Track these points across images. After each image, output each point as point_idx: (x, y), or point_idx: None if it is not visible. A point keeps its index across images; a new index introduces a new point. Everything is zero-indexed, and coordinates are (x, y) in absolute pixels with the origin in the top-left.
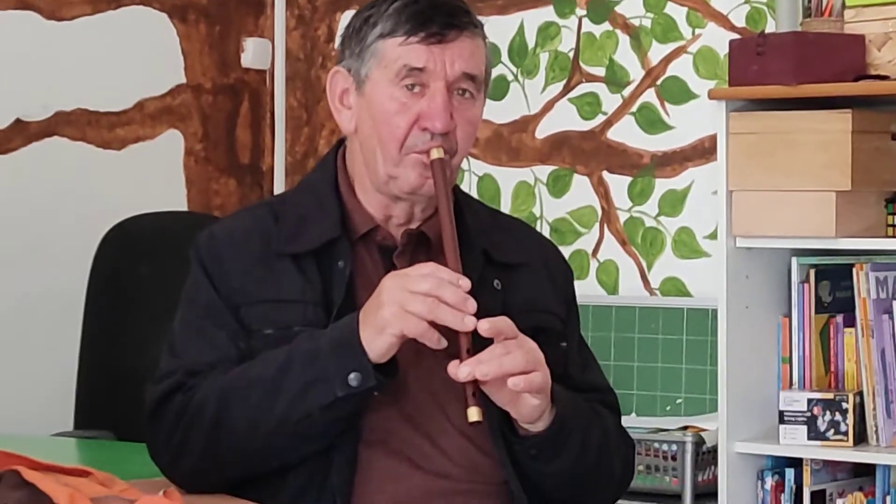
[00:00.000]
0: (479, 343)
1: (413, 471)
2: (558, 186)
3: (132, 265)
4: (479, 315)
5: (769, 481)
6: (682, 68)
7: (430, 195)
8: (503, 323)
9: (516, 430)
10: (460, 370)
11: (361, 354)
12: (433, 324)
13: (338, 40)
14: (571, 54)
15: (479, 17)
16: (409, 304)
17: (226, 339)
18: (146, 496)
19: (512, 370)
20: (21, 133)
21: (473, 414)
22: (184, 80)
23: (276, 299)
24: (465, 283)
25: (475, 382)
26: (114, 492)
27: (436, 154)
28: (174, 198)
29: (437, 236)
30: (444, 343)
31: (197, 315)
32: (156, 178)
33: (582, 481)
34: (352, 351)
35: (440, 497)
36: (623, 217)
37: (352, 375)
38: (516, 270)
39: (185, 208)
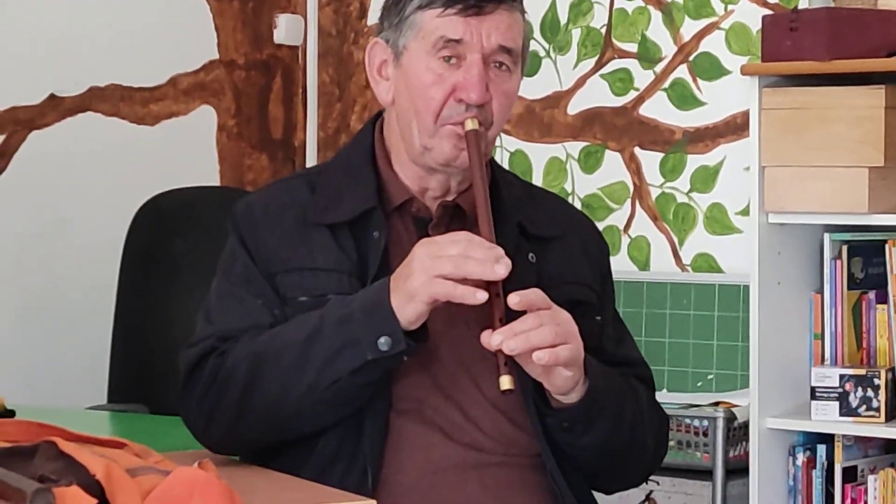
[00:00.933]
0: (512, 315)
1: (445, 441)
2: (590, 162)
3: (165, 240)
4: (514, 288)
5: (800, 457)
6: (714, 44)
7: (465, 167)
8: (534, 295)
9: (549, 402)
10: (493, 338)
11: (392, 319)
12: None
13: (376, 13)
14: (604, 30)
15: None
16: (438, 268)
17: (260, 307)
18: (181, 467)
19: (540, 344)
20: (55, 108)
21: (505, 382)
22: (217, 56)
23: (311, 267)
24: (499, 251)
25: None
26: (149, 463)
27: (470, 125)
28: (207, 173)
29: (473, 209)
30: (482, 296)
31: (232, 283)
32: (189, 154)
33: (615, 454)
34: (382, 315)
35: (472, 468)
36: (655, 193)
37: (382, 339)
38: (551, 243)
39: (217, 183)
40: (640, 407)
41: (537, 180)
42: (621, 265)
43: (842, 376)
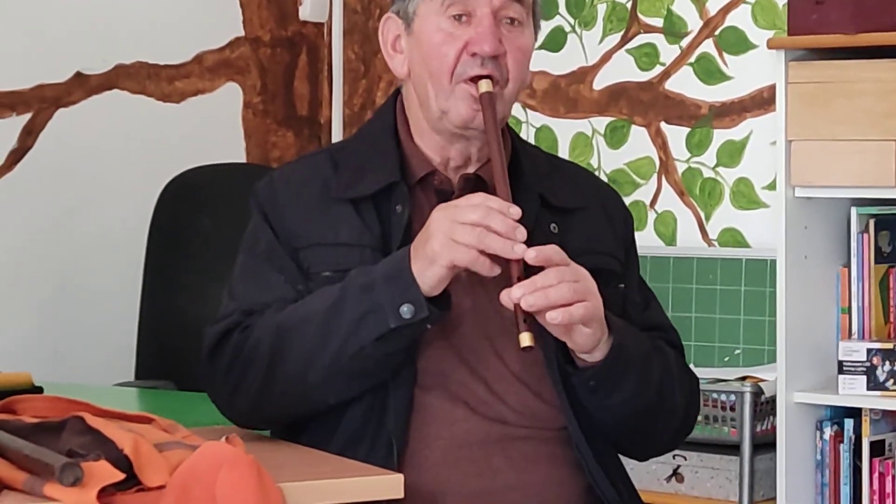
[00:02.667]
0: (530, 274)
1: (469, 415)
2: (616, 137)
3: (192, 217)
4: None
5: (828, 431)
6: (740, 18)
7: (481, 128)
8: (551, 250)
9: (574, 363)
10: (512, 292)
11: (413, 286)
12: (485, 254)
13: None
14: (629, 5)
15: None
16: (458, 234)
17: (283, 282)
18: (209, 442)
19: (558, 301)
20: (81, 86)
21: (525, 339)
22: (242, 34)
23: (334, 242)
24: (516, 211)
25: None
26: (176, 438)
27: (484, 87)
28: (233, 150)
29: (494, 180)
30: (496, 270)
31: (256, 259)
32: (215, 131)
33: (644, 415)
34: (403, 282)
35: (497, 442)
36: (681, 168)
37: (404, 307)
38: (573, 214)
39: (243, 160)
40: (669, 368)
41: (563, 155)
42: (647, 240)
43: (869, 350)
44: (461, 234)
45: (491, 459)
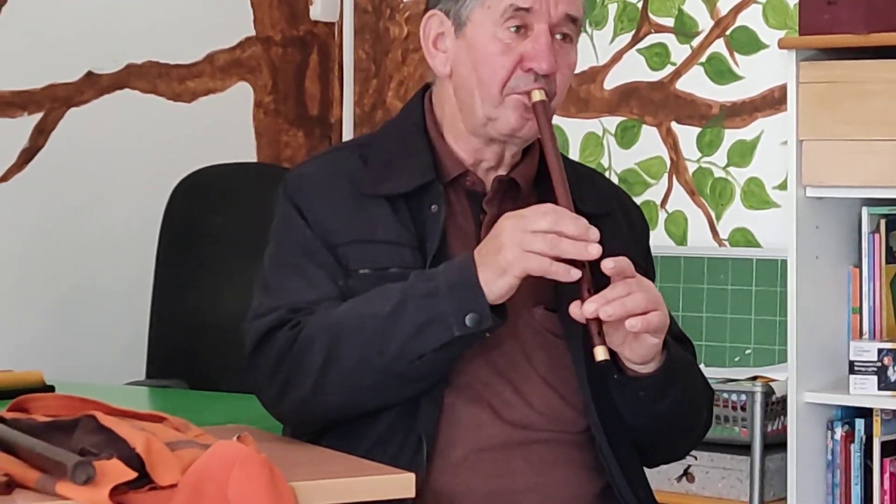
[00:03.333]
0: (598, 286)
1: (494, 420)
2: (627, 137)
3: (203, 216)
4: (577, 263)
5: (839, 431)
6: (751, 18)
7: (527, 137)
8: (624, 262)
9: (623, 372)
10: (586, 307)
11: (480, 295)
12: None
13: None
14: (640, 5)
15: None
16: (530, 243)
17: (325, 278)
18: (221, 441)
19: (634, 310)
20: (92, 86)
21: (600, 353)
22: (253, 33)
23: (371, 239)
24: (586, 223)
25: (599, 321)
26: (189, 437)
27: (538, 96)
28: (244, 149)
29: (527, 183)
30: (575, 274)
31: (291, 253)
32: (226, 131)
33: (679, 423)
34: (470, 292)
35: (518, 446)
36: (692, 168)
37: (469, 316)
38: (601, 220)
39: (254, 160)
40: (697, 377)
41: (574, 156)
42: (658, 240)
43: (880, 350)
44: (533, 244)
45: (510, 462)
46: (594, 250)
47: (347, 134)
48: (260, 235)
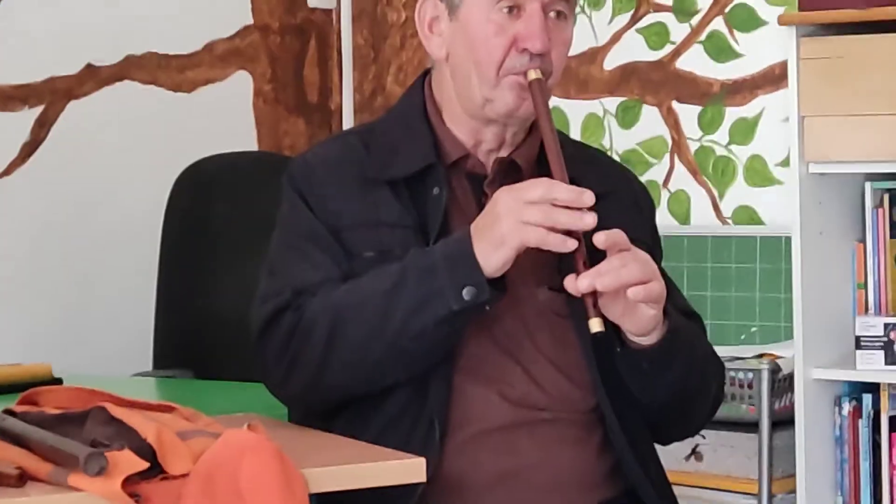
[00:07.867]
0: (594, 260)
1: (501, 401)
2: (627, 117)
3: (206, 205)
4: (575, 237)
5: (846, 407)
6: None
7: (526, 117)
8: (618, 235)
9: (626, 345)
10: (580, 282)
11: (476, 269)
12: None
13: None
14: None
15: None
16: (525, 214)
17: (330, 261)
18: (231, 429)
19: (630, 281)
20: (92, 78)
21: (595, 325)
22: (251, 22)
23: (375, 223)
24: (581, 189)
25: (594, 294)
26: (199, 426)
27: (533, 75)
28: (244, 138)
29: (528, 164)
30: (570, 244)
31: (297, 238)
32: (226, 120)
33: (687, 397)
34: (466, 265)
35: (524, 426)
36: (693, 147)
37: (466, 289)
38: (605, 199)
39: (255, 148)
40: (707, 350)
41: (575, 137)
42: (661, 220)
43: (886, 325)
44: (529, 214)
45: (516, 442)
46: (589, 219)
47: (347, 121)
48: (263, 223)
